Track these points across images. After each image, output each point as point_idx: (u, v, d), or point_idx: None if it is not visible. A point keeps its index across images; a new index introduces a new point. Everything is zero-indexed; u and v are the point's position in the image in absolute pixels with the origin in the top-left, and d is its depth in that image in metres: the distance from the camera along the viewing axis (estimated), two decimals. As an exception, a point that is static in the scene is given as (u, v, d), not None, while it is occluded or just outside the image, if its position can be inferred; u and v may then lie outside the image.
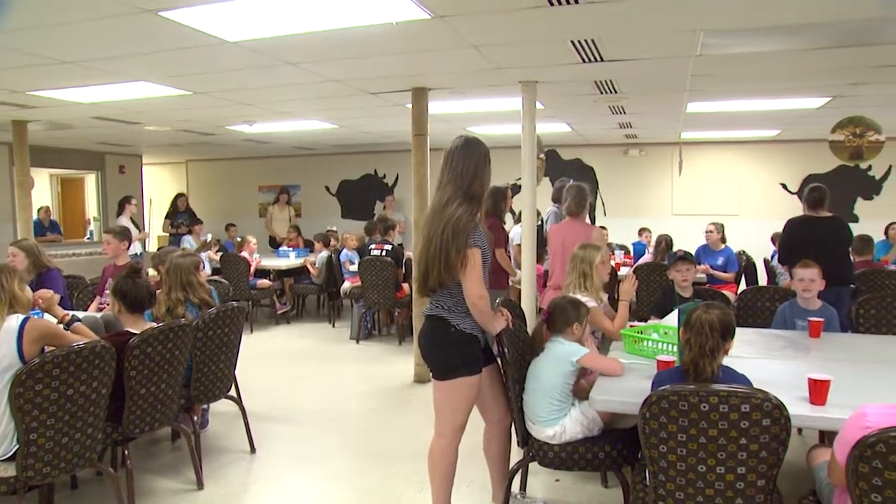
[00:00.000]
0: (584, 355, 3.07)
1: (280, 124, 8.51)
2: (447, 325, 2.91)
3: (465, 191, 2.88)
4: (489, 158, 2.98)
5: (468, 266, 2.81)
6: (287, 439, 4.57)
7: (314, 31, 4.08)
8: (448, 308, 2.92)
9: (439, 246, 2.81)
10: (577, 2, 3.51)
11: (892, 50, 4.71)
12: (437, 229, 2.85)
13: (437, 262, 2.83)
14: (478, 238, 2.84)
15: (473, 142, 2.98)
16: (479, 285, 2.83)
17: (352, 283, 8.09)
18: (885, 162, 10.57)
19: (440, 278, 2.84)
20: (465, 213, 2.83)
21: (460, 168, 2.90)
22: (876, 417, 2.01)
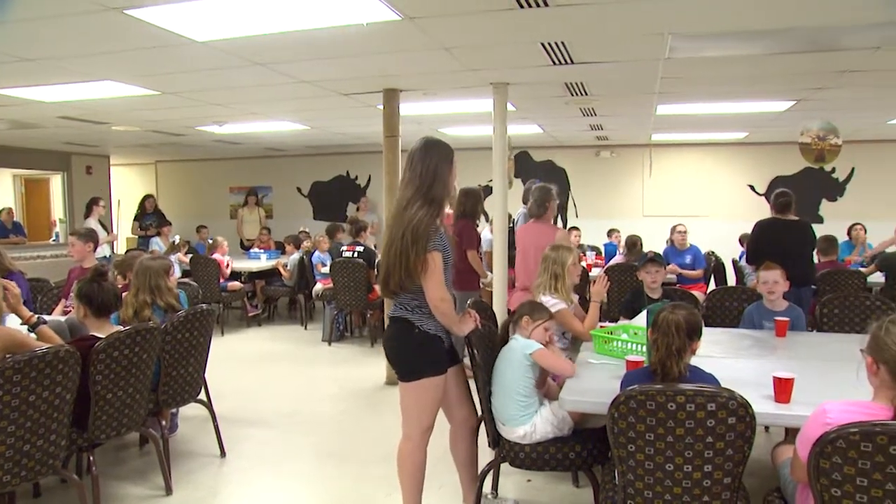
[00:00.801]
0: (537, 350, 3.08)
1: (251, 125, 8.43)
2: (411, 326, 2.91)
3: (424, 193, 2.86)
4: (452, 159, 2.96)
5: (428, 270, 2.80)
6: (258, 442, 4.52)
7: (284, 32, 4.06)
8: (411, 309, 2.92)
9: (399, 250, 2.80)
10: (546, 4, 3.53)
11: (851, 56, 4.82)
12: (397, 233, 2.83)
13: (397, 265, 2.82)
14: (438, 241, 2.83)
15: (434, 143, 2.96)
16: (439, 288, 2.83)
17: (324, 284, 8.04)
18: (848, 164, 10.81)
19: (401, 282, 2.83)
20: (425, 216, 2.81)
21: (420, 169, 2.88)
22: (836, 414, 2.05)
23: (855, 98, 6.49)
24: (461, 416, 3.20)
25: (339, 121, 8.18)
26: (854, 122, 8.31)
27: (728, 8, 3.71)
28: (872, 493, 1.97)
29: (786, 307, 4.28)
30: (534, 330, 3.20)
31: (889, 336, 2.06)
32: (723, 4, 3.66)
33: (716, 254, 8.65)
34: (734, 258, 8.71)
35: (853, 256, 8.66)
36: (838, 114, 7.38)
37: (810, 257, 5.75)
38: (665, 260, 7.38)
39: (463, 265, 5.87)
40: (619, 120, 8.34)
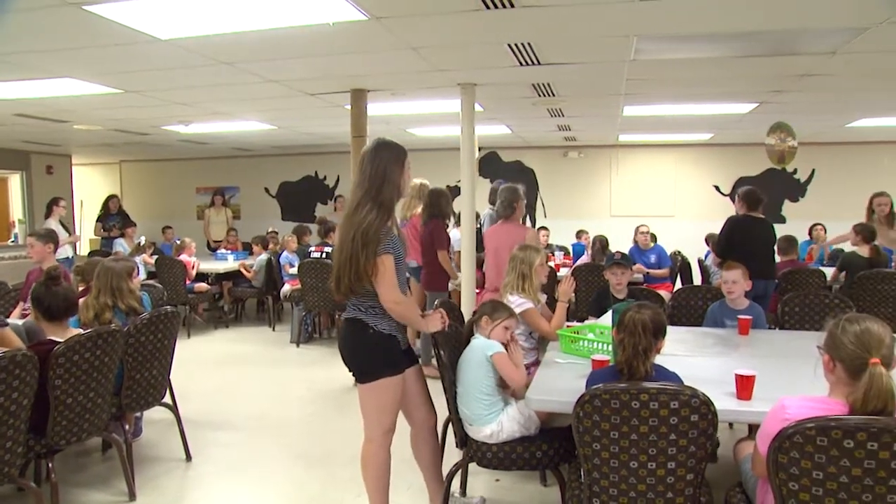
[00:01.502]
0: (497, 353, 3.08)
1: (217, 125, 8.34)
2: (365, 326, 2.89)
3: (374, 195, 2.82)
4: (403, 161, 2.92)
5: (379, 273, 2.78)
6: (225, 446, 4.47)
7: (250, 31, 4.02)
8: (365, 310, 2.90)
9: (349, 253, 2.78)
10: (512, 5, 3.55)
11: (808, 60, 4.94)
12: (347, 235, 2.81)
13: (346, 269, 2.79)
14: (389, 244, 2.81)
15: (384, 144, 2.92)
16: (392, 291, 2.81)
17: (292, 285, 7.98)
18: (809, 166, 11.06)
19: (350, 285, 2.81)
20: (375, 219, 2.78)
21: (369, 171, 2.85)
22: (794, 410, 2.09)
23: (814, 101, 6.65)
24: (421, 416, 3.19)
25: (307, 121, 8.13)
26: (814, 125, 8.51)
27: (691, 11, 3.78)
28: (828, 485, 2.01)
29: (747, 305, 4.36)
30: (493, 329, 3.21)
31: (845, 335, 2.10)
32: (686, 8, 3.72)
33: (682, 253, 8.77)
34: (700, 258, 8.84)
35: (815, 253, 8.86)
36: (799, 116, 7.54)
37: (773, 253, 5.99)
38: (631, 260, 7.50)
39: (433, 266, 5.88)
40: (587, 121, 8.42)
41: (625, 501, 2.38)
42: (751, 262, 4.60)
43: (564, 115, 7.81)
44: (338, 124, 7.84)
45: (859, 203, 9.57)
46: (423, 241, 5.91)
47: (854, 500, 2.00)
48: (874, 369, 1.99)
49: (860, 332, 2.08)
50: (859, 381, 2.01)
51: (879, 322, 2.13)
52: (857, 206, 9.57)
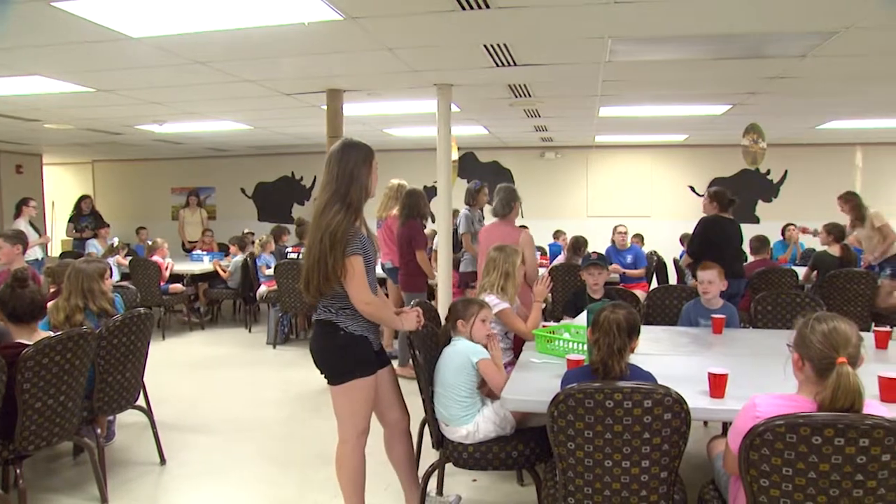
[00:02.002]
0: (482, 359, 3.10)
1: (192, 124, 8.26)
2: (336, 328, 2.87)
3: (342, 196, 2.81)
4: (370, 161, 2.90)
5: (348, 274, 2.77)
6: (199, 449, 4.42)
7: (223, 30, 3.99)
8: (335, 312, 2.88)
9: (318, 255, 2.76)
10: (487, 6, 3.56)
11: (779, 63, 5.01)
12: (315, 237, 2.79)
13: (315, 271, 2.78)
14: (358, 244, 2.79)
15: (352, 144, 2.91)
16: (363, 292, 2.80)
17: (268, 287, 7.92)
18: (782, 166, 11.22)
19: (319, 286, 2.80)
20: (343, 220, 2.77)
21: (336, 172, 2.83)
22: (765, 407, 2.12)
23: (786, 103, 6.75)
24: (393, 417, 3.18)
25: (283, 121, 8.08)
26: (786, 127, 8.64)
27: (665, 14, 3.82)
28: (797, 481, 2.04)
29: (721, 305, 4.41)
30: (472, 328, 3.22)
31: (814, 334, 2.13)
32: (660, 11, 3.76)
33: (658, 253, 8.86)
34: (675, 257, 8.93)
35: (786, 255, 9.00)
36: (771, 118, 7.66)
37: (743, 253, 6.22)
38: (608, 260, 7.56)
39: (410, 266, 5.87)
40: (563, 122, 8.47)
41: (599, 500, 2.39)
42: (723, 261, 4.66)
43: (541, 116, 7.84)
44: (314, 124, 7.81)
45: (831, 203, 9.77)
46: (401, 241, 5.90)
47: (822, 496, 2.03)
48: (841, 368, 2.02)
49: (828, 331, 2.11)
50: (827, 380, 2.04)
51: (847, 321, 2.17)
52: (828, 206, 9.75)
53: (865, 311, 6.39)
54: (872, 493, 2.01)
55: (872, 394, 2.63)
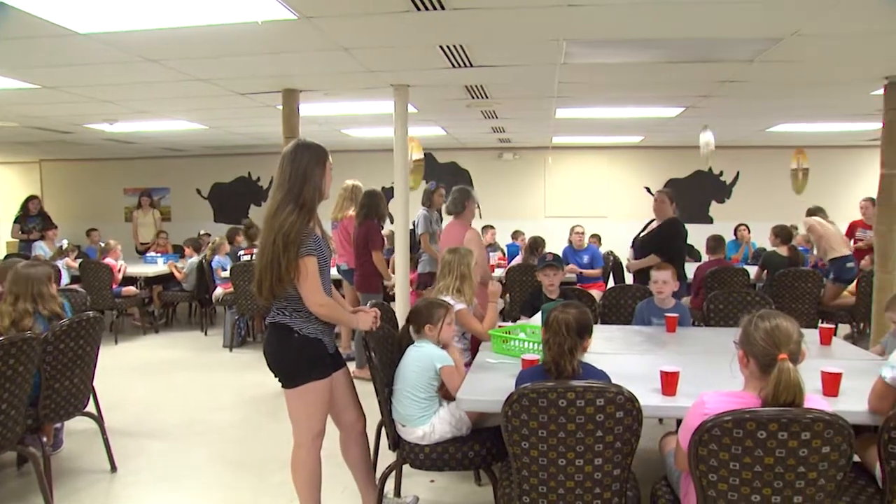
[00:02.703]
0: (447, 366, 3.12)
1: (145, 124, 8.07)
2: (290, 331, 2.85)
3: (295, 196, 2.79)
4: (324, 162, 2.89)
5: (301, 275, 2.74)
6: (153, 455, 4.33)
7: (175, 28, 3.91)
8: (290, 314, 2.86)
9: (271, 256, 2.73)
10: (442, 7, 3.56)
11: (729, 67, 5.13)
12: (268, 238, 2.76)
13: (268, 272, 2.75)
14: (312, 245, 2.77)
15: (305, 145, 2.90)
16: (316, 294, 2.78)
17: (224, 289, 7.80)
18: (734, 168, 11.49)
19: (271, 288, 2.77)
20: (296, 221, 2.75)
21: (290, 172, 2.81)
22: (713, 404, 2.17)
23: (736, 106, 6.91)
24: (349, 420, 3.17)
25: (238, 121, 7.96)
26: (737, 129, 8.84)
27: (618, 18, 3.87)
28: (743, 475, 2.10)
29: (674, 304, 4.49)
30: (441, 331, 3.26)
31: (757, 331, 2.19)
32: (613, 14, 3.81)
33: (614, 253, 8.98)
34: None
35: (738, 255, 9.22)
36: (723, 120, 7.84)
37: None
38: (564, 260, 7.64)
39: (366, 267, 5.85)
40: (521, 123, 8.52)
41: (554, 498, 2.42)
42: (679, 262, 4.77)
43: (498, 118, 7.88)
44: (270, 124, 7.70)
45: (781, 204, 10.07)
46: (357, 242, 5.88)
47: (767, 488, 2.09)
48: (782, 364, 2.08)
49: (771, 328, 2.17)
50: (770, 376, 2.10)
51: (789, 319, 2.23)
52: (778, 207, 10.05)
53: (813, 308, 6.59)
54: (813, 483, 2.08)
55: (817, 388, 2.73)
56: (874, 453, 2.34)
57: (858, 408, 2.59)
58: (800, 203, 7.95)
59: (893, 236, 5.61)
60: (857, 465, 2.72)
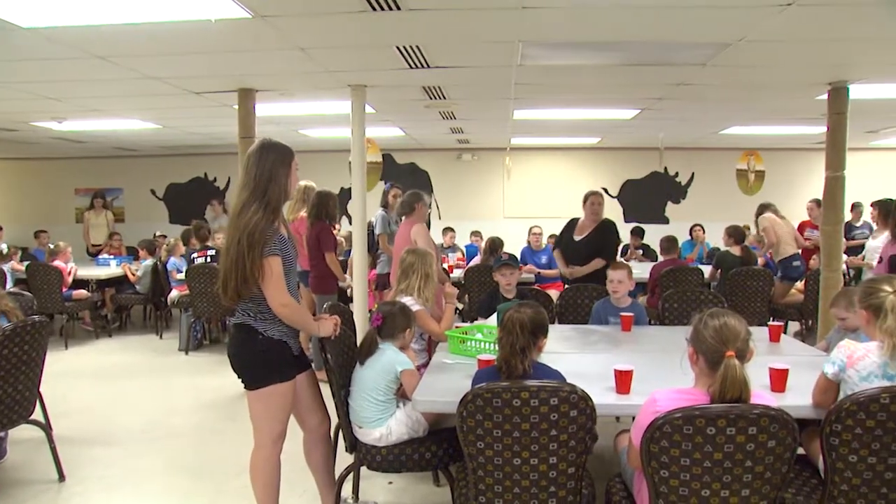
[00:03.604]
0: (406, 369, 3.13)
1: (96, 122, 7.86)
2: (254, 332, 2.82)
3: (260, 196, 2.77)
4: (290, 162, 2.88)
5: (266, 276, 2.72)
6: (104, 463, 4.21)
7: (123, 24, 3.81)
8: (254, 315, 2.83)
9: (235, 256, 2.71)
10: (398, 8, 3.55)
11: (683, 71, 5.24)
12: (233, 238, 2.74)
13: (233, 272, 2.72)
14: (277, 245, 2.76)
15: (270, 145, 2.88)
16: (281, 294, 2.76)
17: (180, 291, 7.66)
18: (689, 169, 11.72)
19: (237, 288, 2.74)
20: (261, 220, 2.72)
21: (255, 172, 2.79)
22: (664, 402, 2.21)
23: (690, 109, 7.05)
24: (314, 422, 3.15)
25: (194, 120, 7.83)
26: (692, 131, 9.03)
27: (573, 20, 3.92)
28: (694, 470, 2.14)
29: (629, 303, 4.56)
30: (409, 337, 3.34)
31: (707, 329, 2.24)
32: (568, 17, 3.85)
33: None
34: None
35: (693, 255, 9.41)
36: (677, 123, 7.99)
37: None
38: (523, 260, 7.69)
39: (320, 269, 5.82)
40: (479, 124, 8.56)
41: (510, 497, 2.43)
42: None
43: (457, 118, 7.90)
44: (226, 124, 7.58)
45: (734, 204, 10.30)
46: (310, 243, 5.85)
47: (716, 482, 2.14)
48: (729, 361, 2.13)
49: (719, 326, 2.22)
50: (717, 372, 2.15)
51: (737, 317, 2.28)
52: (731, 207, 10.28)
53: (764, 306, 6.76)
54: (760, 476, 2.14)
55: (765, 384, 2.80)
56: (818, 446, 2.41)
57: (804, 402, 2.67)
58: (753, 204, 8.15)
59: (838, 236, 5.80)
60: (803, 457, 2.81)
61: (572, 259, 5.81)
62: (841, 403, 2.29)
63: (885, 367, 2.44)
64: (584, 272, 5.65)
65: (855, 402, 2.25)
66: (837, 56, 4.77)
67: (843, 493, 2.34)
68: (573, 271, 5.76)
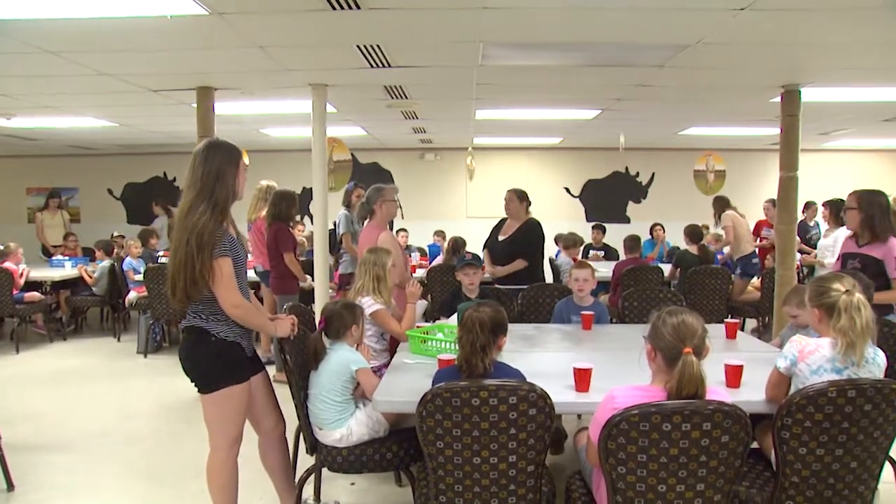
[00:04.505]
0: (361, 368, 3.12)
1: (48, 119, 7.65)
2: (206, 334, 2.78)
3: (208, 196, 2.72)
4: (237, 161, 2.84)
5: (216, 277, 2.68)
6: (57, 470, 4.10)
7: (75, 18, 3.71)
8: (206, 317, 2.79)
9: (184, 258, 2.66)
10: (358, 7, 3.53)
11: (642, 72, 5.31)
12: (181, 239, 2.69)
13: (181, 274, 2.67)
14: (226, 246, 2.72)
15: (217, 144, 2.84)
16: (232, 295, 2.73)
17: (138, 293, 7.51)
18: (650, 169, 11.89)
19: (185, 290, 2.70)
20: (209, 221, 2.68)
21: (201, 172, 2.75)
22: (622, 399, 2.23)
23: (649, 109, 7.15)
24: (269, 424, 3.11)
25: (152, 119, 7.68)
26: (652, 131, 9.16)
27: (534, 20, 3.94)
28: (650, 466, 2.17)
29: (591, 302, 4.61)
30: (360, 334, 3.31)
31: (665, 326, 2.28)
32: (528, 17, 3.87)
33: (535, 253, 9.10)
34: (550, 256, 9.24)
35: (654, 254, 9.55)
36: (637, 123, 8.10)
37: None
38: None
39: (280, 269, 5.78)
40: (441, 124, 8.56)
41: (470, 496, 2.44)
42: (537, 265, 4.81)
43: (419, 118, 7.89)
44: (185, 123, 7.45)
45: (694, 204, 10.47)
46: (269, 244, 5.83)
47: (672, 477, 2.17)
48: (686, 358, 2.17)
49: (677, 323, 2.26)
50: (675, 369, 2.19)
51: (694, 315, 2.33)
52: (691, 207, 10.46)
53: (722, 304, 6.89)
54: (714, 470, 2.18)
55: (720, 380, 2.86)
56: (770, 440, 2.46)
57: (758, 398, 2.73)
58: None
59: (792, 235, 5.94)
60: (757, 451, 2.87)
61: (497, 259, 5.79)
62: (791, 398, 2.34)
63: (834, 361, 2.51)
64: (504, 272, 5.65)
65: (804, 397, 2.31)
66: (790, 60, 4.89)
67: (794, 485, 2.40)
68: (494, 271, 5.76)
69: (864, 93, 6.16)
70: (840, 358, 2.50)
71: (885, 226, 4.12)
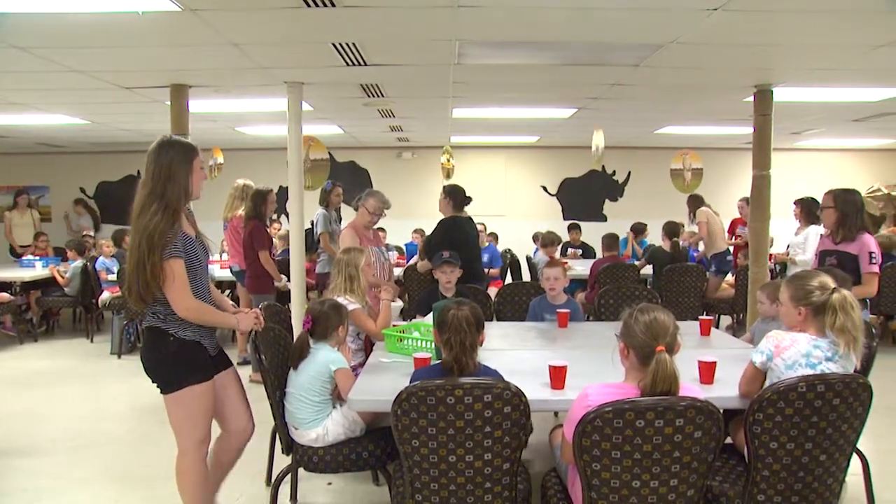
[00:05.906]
0: (341, 368, 3.10)
1: (15, 116, 7.50)
2: (164, 335, 2.74)
3: (159, 196, 2.67)
4: (191, 159, 2.76)
5: (167, 279, 2.63)
6: (27, 474, 4.04)
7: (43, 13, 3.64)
8: (164, 317, 2.74)
9: (137, 259, 2.62)
10: (333, 4, 3.51)
11: (617, 71, 5.35)
12: (135, 241, 2.65)
13: (135, 276, 2.63)
14: (177, 247, 2.66)
15: (170, 142, 2.77)
16: (184, 298, 2.67)
17: (111, 293, 7.41)
18: (626, 168, 11.98)
19: (140, 293, 2.65)
20: (160, 222, 2.63)
21: (153, 171, 2.69)
22: (595, 396, 2.25)
23: (625, 108, 7.20)
24: (239, 425, 3.05)
25: (125, 116, 7.57)
26: (628, 130, 9.22)
27: (509, 19, 3.95)
28: (624, 463, 2.18)
29: (565, 300, 4.63)
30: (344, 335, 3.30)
31: (637, 324, 2.29)
32: (503, 16, 3.88)
33: (512, 251, 9.17)
34: (528, 255, 9.29)
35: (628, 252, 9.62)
36: (613, 122, 8.15)
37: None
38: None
39: (255, 268, 5.75)
40: (418, 122, 8.55)
41: (446, 494, 2.44)
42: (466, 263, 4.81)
43: (395, 117, 7.87)
44: (159, 121, 7.33)
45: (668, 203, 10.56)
46: (244, 243, 5.80)
47: (646, 473, 2.19)
48: (660, 356, 2.19)
49: (649, 321, 2.28)
50: (648, 367, 2.20)
51: (666, 312, 2.34)
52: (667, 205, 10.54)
53: (697, 301, 6.97)
54: (687, 466, 2.20)
55: (694, 377, 2.89)
56: (743, 435, 2.49)
57: (731, 394, 2.77)
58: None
59: (765, 233, 6.02)
60: (730, 446, 2.91)
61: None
62: (763, 393, 2.38)
63: (808, 357, 2.55)
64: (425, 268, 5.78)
65: (775, 392, 2.34)
66: (762, 60, 4.95)
67: (765, 479, 2.43)
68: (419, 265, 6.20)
69: (834, 93, 6.27)
70: (814, 353, 2.54)
71: (859, 223, 4.28)
